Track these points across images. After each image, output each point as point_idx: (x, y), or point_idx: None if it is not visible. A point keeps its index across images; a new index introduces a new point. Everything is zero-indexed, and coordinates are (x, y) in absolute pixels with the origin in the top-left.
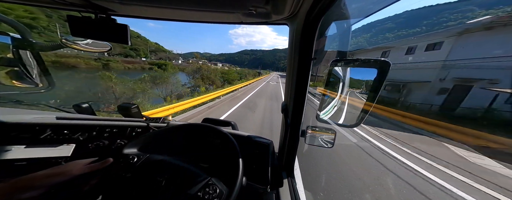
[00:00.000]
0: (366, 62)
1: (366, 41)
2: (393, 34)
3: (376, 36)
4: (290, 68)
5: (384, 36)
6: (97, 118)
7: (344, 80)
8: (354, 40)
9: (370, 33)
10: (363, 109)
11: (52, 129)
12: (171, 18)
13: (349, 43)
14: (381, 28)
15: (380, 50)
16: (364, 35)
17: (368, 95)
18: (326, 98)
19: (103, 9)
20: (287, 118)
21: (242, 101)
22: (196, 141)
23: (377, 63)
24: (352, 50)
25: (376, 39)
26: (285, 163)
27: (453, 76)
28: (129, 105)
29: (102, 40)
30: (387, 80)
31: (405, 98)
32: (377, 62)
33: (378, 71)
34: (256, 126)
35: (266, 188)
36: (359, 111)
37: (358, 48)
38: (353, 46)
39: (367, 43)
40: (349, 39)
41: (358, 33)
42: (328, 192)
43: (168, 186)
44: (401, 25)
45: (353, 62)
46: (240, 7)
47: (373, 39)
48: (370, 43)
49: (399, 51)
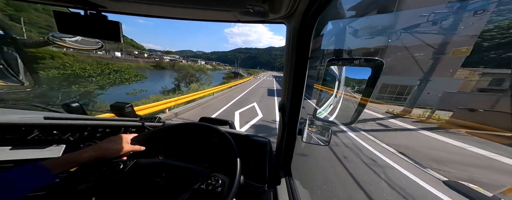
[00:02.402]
0: (360, 61)
1: (362, 40)
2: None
3: (372, 35)
4: (287, 67)
5: (381, 36)
6: (88, 117)
7: (339, 79)
8: (350, 39)
9: (366, 33)
10: (358, 107)
11: (39, 130)
12: (165, 16)
13: (345, 42)
14: (377, 28)
15: (375, 49)
16: (360, 34)
17: (363, 94)
18: (322, 97)
19: (93, 5)
20: (285, 117)
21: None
22: (193, 141)
23: (371, 62)
24: (348, 49)
25: (373, 38)
26: (283, 162)
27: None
28: (122, 104)
29: (92, 37)
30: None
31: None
32: (371, 61)
33: (372, 70)
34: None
35: (264, 186)
36: (354, 109)
37: (353, 47)
38: (349, 45)
39: (362, 42)
40: (345, 38)
41: (354, 32)
42: (324, 189)
43: (167, 185)
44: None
45: (348, 61)
46: (237, 5)
47: (369, 39)
48: (366, 42)
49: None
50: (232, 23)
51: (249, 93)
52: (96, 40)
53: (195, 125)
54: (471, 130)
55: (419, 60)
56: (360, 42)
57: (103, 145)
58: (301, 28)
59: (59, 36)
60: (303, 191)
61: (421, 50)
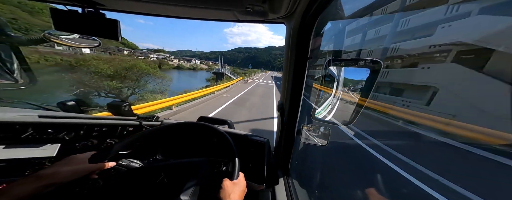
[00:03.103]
0: (359, 61)
1: (361, 41)
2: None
3: (371, 36)
4: (287, 67)
5: (379, 36)
6: (84, 116)
7: (338, 79)
8: (349, 40)
9: (365, 33)
10: (356, 107)
11: (34, 128)
12: (164, 14)
13: (344, 43)
14: (376, 29)
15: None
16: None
17: (361, 94)
18: (321, 97)
19: (91, 3)
20: (283, 117)
21: None
22: (191, 140)
23: (370, 63)
24: (347, 50)
25: (372, 39)
26: (281, 161)
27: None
28: (119, 103)
29: (89, 35)
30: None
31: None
32: (370, 62)
33: (370, 71)
34: None
35: (262, 186)
36: (352, 110)
37: (353, 48)
38: (348, 46)
39: (362, 43)
40: (344, 38)
41: (353, 33)
42: (323, 189)
43: (171, 181)
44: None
45: (347, 62)
46: (236, 4)
47: (368, 39)
48: (365, 43)
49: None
50: (232, 23)
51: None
52: (94, 38)
53: (194, 125)
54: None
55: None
56: (359, 43)
57: (44, 172)
58: (300, 28)
59: (55, 34)
60: (301, 190)
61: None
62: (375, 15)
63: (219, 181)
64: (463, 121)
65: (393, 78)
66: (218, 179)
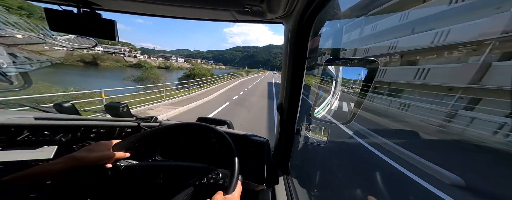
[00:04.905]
0: (356, 61)
1: (360, 41)
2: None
3: (370, 35)
4: (285, 67)
5: (379, 36)
6: (81, 118)
7: (336, 79)
8: (348, 39)
9: (364, 33)
10: (355, 106)
11: (30, 130)
12: (161, 15)
13: (342, 42)
14: (375, 28)
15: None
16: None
17: (359, 93)
18: (319, 96)
19: (86, 3)
20: (283, 116)
21: None
22: (190, 141)
23: (367, 62)
24: (345, 49)
25: (371, 39)
26: (281, 161)
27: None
28: (117, 104)
29: (85, 35)
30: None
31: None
32: (367, 61)
33: (368, 70)
34: None
35: (262, 186)
36: (351, 109)
37: (351, 47)
38: (347, 45)
39: (360, 42)
40: (343, 38)
41: (352, 32)
42: (323, 188)
43: (167, 184)
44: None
45: (345, 61)
46: (235, 4)
47: (367, 39)
48: (363, 42)
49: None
50: (232, 24)
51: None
52: (90, 38)
53: (193, 125)
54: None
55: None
56: (358, 42)
57: (77, 155)
58: (299, 28)
59: (50, 34)
60: (301, 190)
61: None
62: (372, 15)
63: (212, 193)
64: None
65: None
66: (212, 191)
